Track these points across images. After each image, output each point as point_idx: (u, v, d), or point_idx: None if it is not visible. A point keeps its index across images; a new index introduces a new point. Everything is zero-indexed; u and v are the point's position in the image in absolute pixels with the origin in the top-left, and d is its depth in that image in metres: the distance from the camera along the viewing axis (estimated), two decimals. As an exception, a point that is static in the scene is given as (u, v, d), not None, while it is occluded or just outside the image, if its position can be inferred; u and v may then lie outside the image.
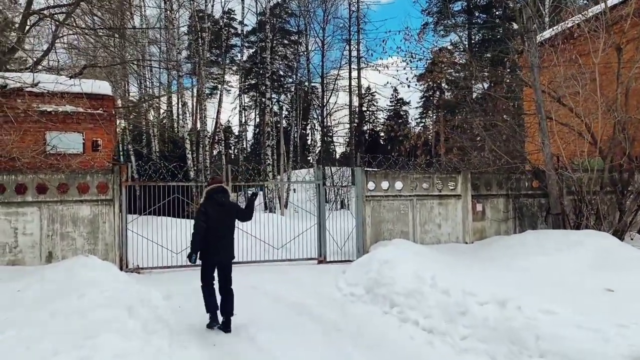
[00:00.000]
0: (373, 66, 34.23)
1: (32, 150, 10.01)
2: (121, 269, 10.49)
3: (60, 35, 12.13)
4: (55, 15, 11.70)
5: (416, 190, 12.53)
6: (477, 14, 37.35)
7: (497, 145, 13.21)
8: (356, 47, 34.96)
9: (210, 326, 6.45)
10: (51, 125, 10.84)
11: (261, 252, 11.78)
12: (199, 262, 6.63)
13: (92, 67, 12.60)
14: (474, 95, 24.72)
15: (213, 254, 6.59)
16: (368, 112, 48.02)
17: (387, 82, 15.09)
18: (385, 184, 12.32)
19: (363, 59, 34.90)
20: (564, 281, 7.14)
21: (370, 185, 12.19)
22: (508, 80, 16.28)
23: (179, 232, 11.53)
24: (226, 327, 6.39)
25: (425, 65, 15.34)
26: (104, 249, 10.59)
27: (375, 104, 49.02)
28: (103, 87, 11.61)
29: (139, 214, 12.00)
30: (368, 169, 12.26)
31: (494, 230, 13.16)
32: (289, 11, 38.88)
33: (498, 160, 12.95)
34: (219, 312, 6.53)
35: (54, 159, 10.50)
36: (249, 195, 7.36)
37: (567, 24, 13.46)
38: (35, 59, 11.57)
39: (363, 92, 37.36)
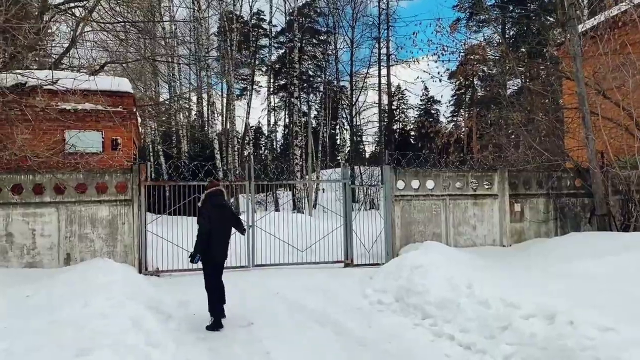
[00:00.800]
0: (403, 62, 33.50)
1: (48, 149, 9.70)
2: (140, 271, 10.14)
3: (82, 31, 11.86)
4: (76, 11, 11.43)
5: (449, 189, 11.80)
6: (511, 8, 36.04)
7: (537, 142, 12.38)
8: (386, 44, 34.16)
9: (212, 329, 6.36)
10: (70, 123, 10.53)
11: (286, 254, 11.26)
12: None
13: (116, 65, 12.33)
14: (509, 91, 23.79)
15: (215, 254, 6.69)
16: (398, 111, 47.14)
17: (418, 77, 14.33)
18: (415, 183, 11.63)
19: (393, 56, 34.09)
20: (617, 290, 6.34)
21: (400, 184, 11.52)
22: (546, 74, 15.39)
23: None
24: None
25: (458, 59, 14.55)
26: (122, 251, 10.22)
27: (405, 102, 48.11)
28: (123, 84, 11.27)
29: (168, 214, 11.64)
30: (397, 166, 11.58)
31: (534, 232, 12.33)
32: (318, 10, 38.35)
33: (538, 158, 12.11)
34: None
35: (72, 158, 10.18)
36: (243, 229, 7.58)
37: (612, 11, 12.51)
38: (55, 56, 11.32)
39: (393, 90, 36.49)
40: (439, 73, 14.92)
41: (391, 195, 11.29)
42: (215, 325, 6.40)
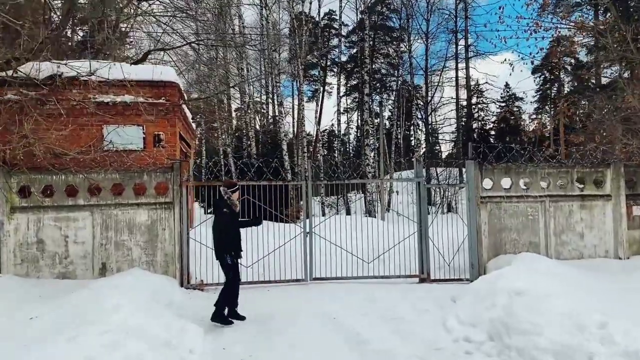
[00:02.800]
0: (484, 54, 30.89)
1: (82, 145, 8.63)
2: (182, 284, 8.86)
3: (134, 15, 10.84)
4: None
5: (549, 189, 9.66)
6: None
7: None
8: (464, 35, 31.50)
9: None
10: (108, 118, 9.47)
11: (350, 265, 9.59)
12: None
13: (159, 52, 11.29)
14: (605, 79, 20.80)
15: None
16: (476, 108, 44.02)
17: (505, 60, 12.16)
18: (506, 182, 9.59)
19: (472, 47, 31.33)
20: None
21: (487, 183, 9.53)
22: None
23: (255, 238, 9.71)
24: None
25: (555, 34, 12.25)
26: (163, 261, 8.98)
27: (484, 100, 44.90)
28: (166, 73, 10.05)
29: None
30: (484, 162, 9.57)
31: (658, 242, 9.93)
32: (391, 7, 36.57)
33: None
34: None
35: (107, 156, 9.07)
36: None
37: None
38: (96, 47, 10.36)
39: (472, 84, 33.63)
40: (530, 54, 12.70)
41: (476, 197, 9.32)
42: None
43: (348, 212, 24.65)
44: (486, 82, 31.96)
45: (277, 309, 7.30)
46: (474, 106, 38.08)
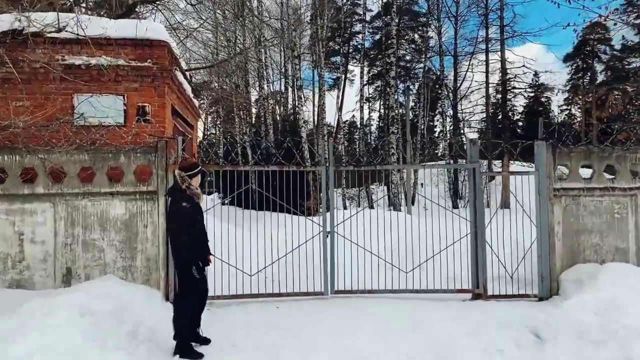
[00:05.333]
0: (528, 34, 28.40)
1: (46, 119, 6.70)
2: (167, 298, 6.90)
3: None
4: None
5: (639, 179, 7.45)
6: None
7: None
8: (499, 13, 28.73)
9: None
10: (80, 85, 7.53)
11: (380, 274, 7.53)
12: None
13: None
14: None
15: None
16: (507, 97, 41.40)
17: (569, 24, 9.87)
18: (586, 170, 7.41)
19: (507, 28, 28.50)
20: None
21: (561, 171, 7.37)
22: None
23: (262, 238, 7.75)
24: None
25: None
26: (144, 267, 7.02)
27: (517, 86, 42.30)
28: (153, 29, 7.99)
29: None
30: (558, 145, 7.37)
31: None
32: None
33: None
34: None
35: (73, 131, 7.12)
36: None
37: None
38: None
39: (506, 67, 30.82)
40: (606, 9, 10.33)
41: (548, 189, 7.15)
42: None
43: (371, 206, 22.59)
44: (523, 66, 29.11)
45: (285, 338, 5.31)
46: (510, 89, 35.40)
